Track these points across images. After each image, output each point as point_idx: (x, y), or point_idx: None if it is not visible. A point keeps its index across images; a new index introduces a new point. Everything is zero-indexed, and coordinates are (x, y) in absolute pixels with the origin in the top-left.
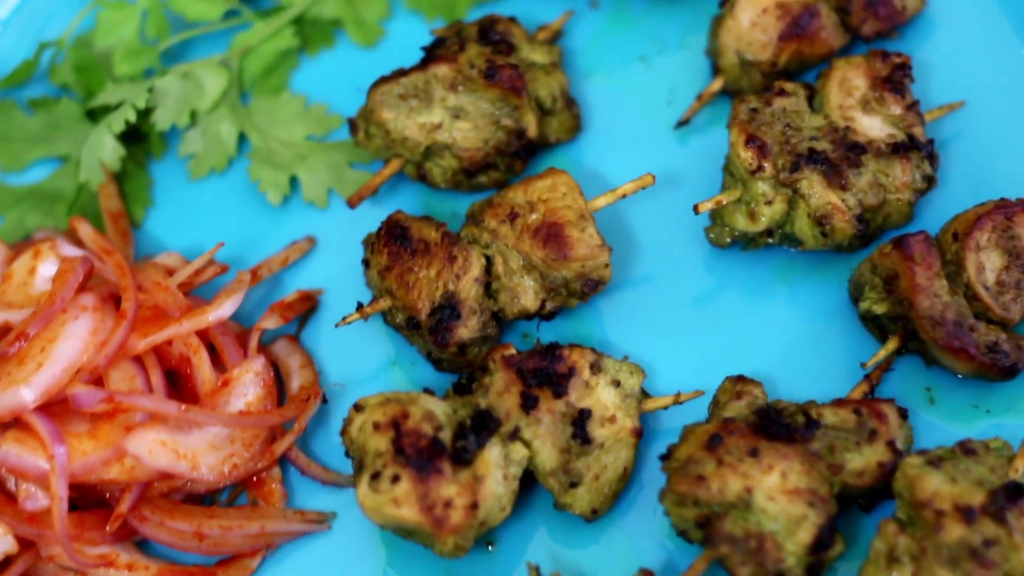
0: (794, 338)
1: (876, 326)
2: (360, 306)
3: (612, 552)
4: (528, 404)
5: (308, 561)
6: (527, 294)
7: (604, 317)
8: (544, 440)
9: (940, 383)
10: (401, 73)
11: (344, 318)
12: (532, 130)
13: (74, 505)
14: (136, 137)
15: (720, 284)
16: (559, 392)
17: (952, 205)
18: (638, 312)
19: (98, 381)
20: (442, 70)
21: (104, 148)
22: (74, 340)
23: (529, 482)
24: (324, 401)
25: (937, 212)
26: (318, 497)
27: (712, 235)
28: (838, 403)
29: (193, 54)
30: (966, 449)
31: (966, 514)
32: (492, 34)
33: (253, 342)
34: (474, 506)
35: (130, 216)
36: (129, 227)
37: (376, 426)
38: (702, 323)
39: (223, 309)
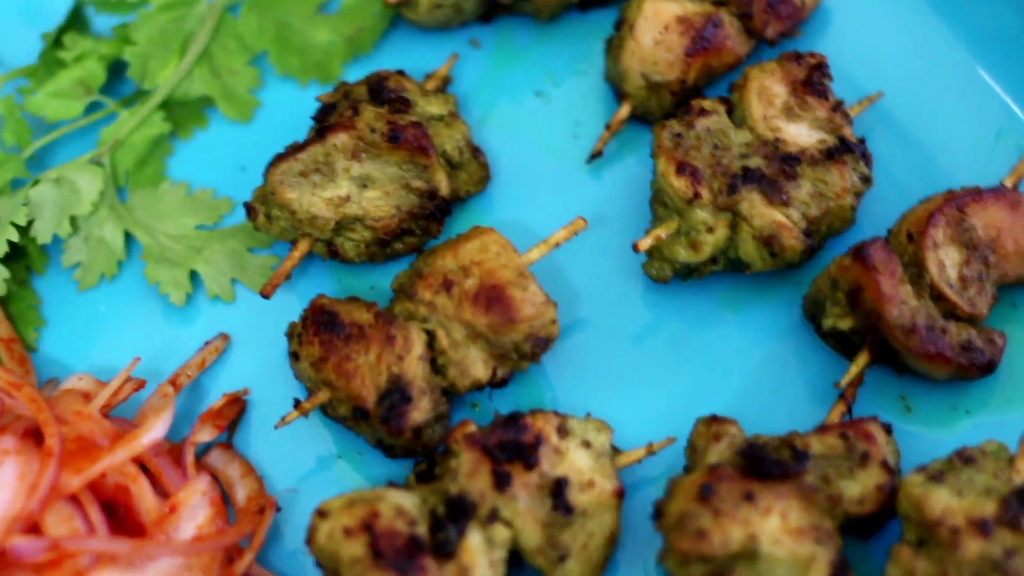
0: (754, 365)
1: (838, 341)
2: (297, 403)
3: None
4: (501, 482)
5: None
6: (476, 365)
7: (554, 376)
8: (525, 517)
9: (914, 390)
10: (297, 148)
11: (283, 418)
12: (444, 188)
13: None
14: (12, 254)
15: (667, 320)
16: (530, 464)
17: (888, 201)
18: (588, 364)
19: (34, 528)
20: (341, 139)
21: None
22: (3, 489)
23: (513, 561)
24: (278, 509)
25: (875, 211)
26: None
27: (652, 271)
28: (822, 430)
29: (60, 157)
30: (964, 458)
31: (982, 527)
32: (384, 92)
33: (189, 458)
34: None
35: (23, 340)
36: (25, 352)
37: (347, 532)
38: (656, 364)
39: (155, 431)
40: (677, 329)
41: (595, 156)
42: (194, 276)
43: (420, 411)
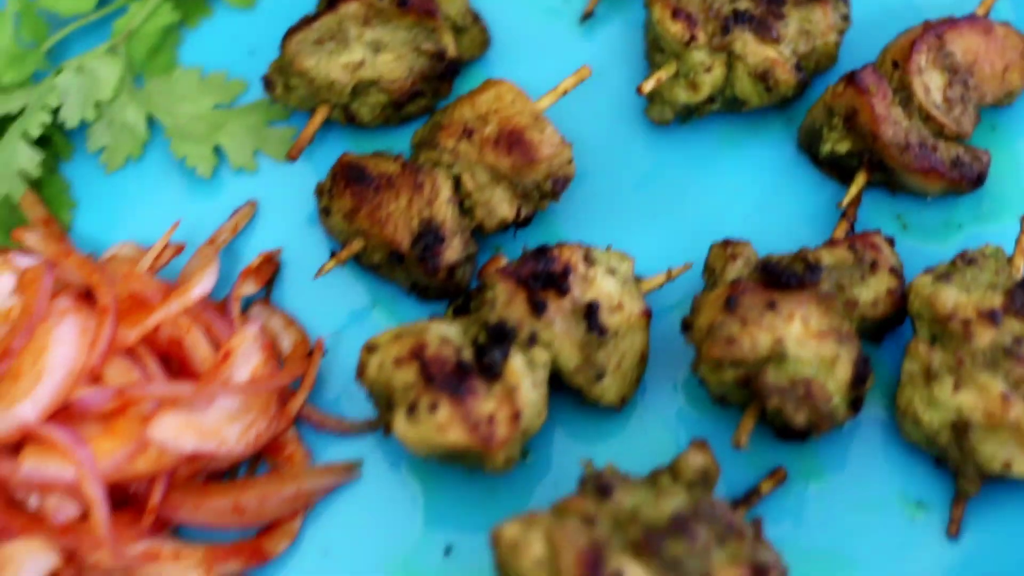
0: (756, 198)
1: (835, 168)
2: (333, 254)
3: (643, 436)
4: (538, 308)
5: (347, 511)
6: (502, 204)
7: (571, 217)
8: (562, 339)
9: (908, 208)
10: (310, 19)
11: (320, 268)
12: (452, 49)
13: None
14: (39, 143)
15: (671, 161)
16: (563, 290)
17: (865, 41)
18: (602, 205)
19: (96, 381)
20: (352, 8)
21: (20, 157)
22: (65, 345)
23: (552, 385)
24: (324, 353)
25: (854, 51)
26: (337, 448)
27: (655, 114)
28: (830, 244)
29: (75, 49)
30: (967, 259)
31: (991, 317)
32: None
33: (236, 311)
34: (516, 416)
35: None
36: (62, 231)
37: (397, 361)
38: (665, 202)
39: (204, 283)
40: (681, 169)
41: (587, 16)
42: (217, 150)
43: (453, 250)
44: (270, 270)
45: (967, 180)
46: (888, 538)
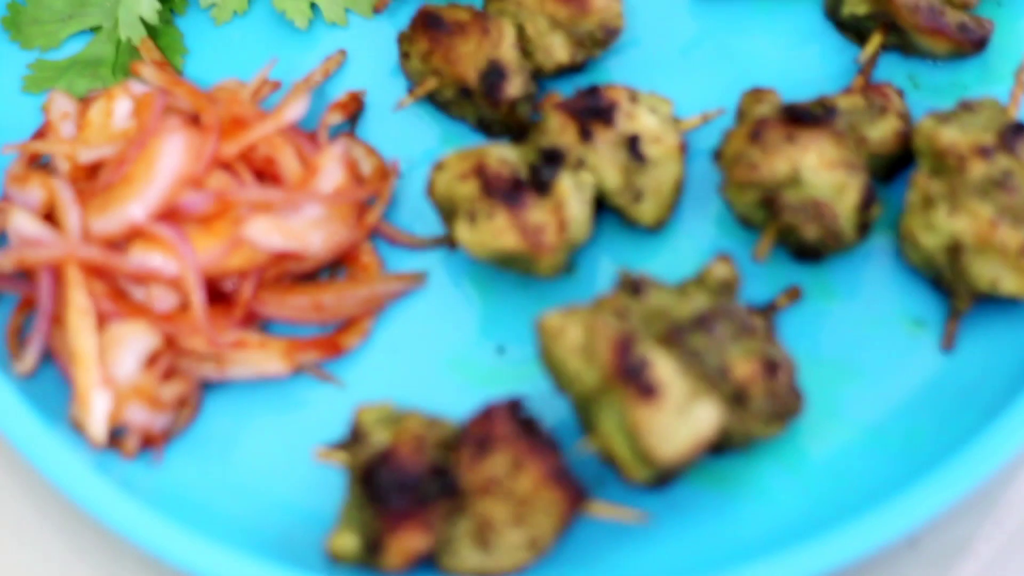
0: (783, 58)
1: (856, 31)
2: (411, 90)
3: (676, 256)
4: (586, 136)
5: (413, 315)
6: (558, 49)
7: (617, 70)
8: (606, 164)
9: (919, 70)
10: None
11: (400, 101)
12: None
13: None
14: None
15: (707, 24)
16: (609, 122)
17: None
18: (644, 60)
19: (198, 188)
20: None
21: (141, 6)
22: (173, 154)
23: (596, 210)
24: (399, 175)
25: None
26: (407, 261)
27: None
28: (846, 92)
29: None
30: (966, 106)
31: (983, 152)
32: None
33: (323, 137)
34: (563, 225)
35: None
36: (175, 73)
37: (462, 176)
38: (702, 59)
39: (297, 108)
40: (720, 30)
41: None
42: (314, 7)
43: (514, 86)
44: (355, 106)
45: (971, 42)
46: (890, 351)
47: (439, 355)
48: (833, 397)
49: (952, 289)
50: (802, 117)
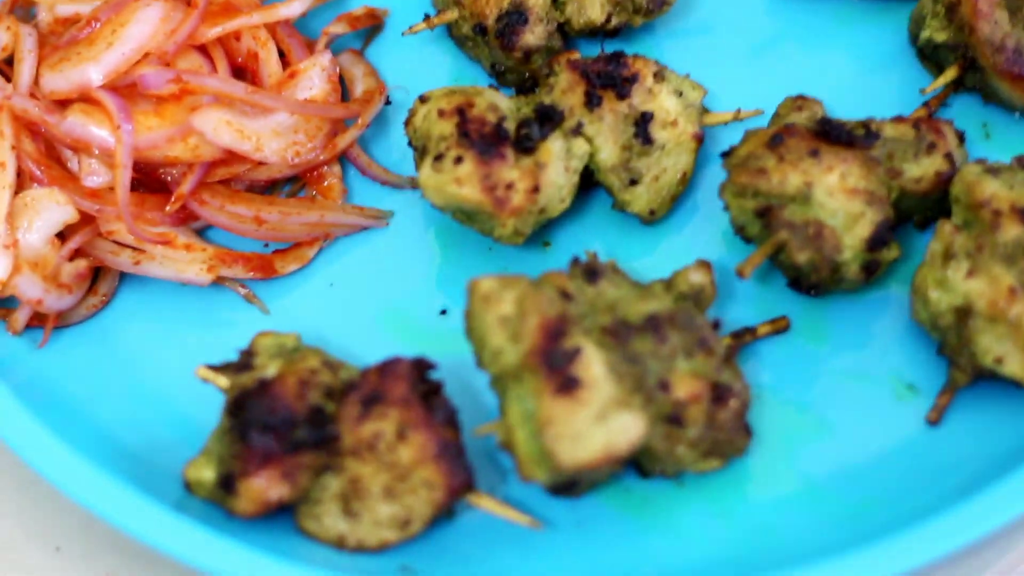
0: (850, 76)
1: (935, 61)
2: (427, 17)
3: (667, 254)
4: (592, 102)
5: (363, 255)
6: (594, 5)
7: (664, 47)
8: (606, 137)
9: (996, 119)
10: None
11: (411, 27)
12: None
13: (135, 187)
14: None
15: (780, 24)
16: (622, 94)
17: None
18: (695, 43)
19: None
20: None
21: None
22: (144, 24)
23: (588, 186)
24: (387, 103)
25: None
26: (375, 197)
27: None
28: (897, 119)
29: None
30: (1022, 163)
31: (1023, 215)
32: None
33: (321, 45)
34: (535, 190)
35: None
36: None
37: (441, 113)
38: (761, 60)
39: (293, 7)
40: (787, 30)
41: None
42: None
43: (534, 35)
44: (369, 22)
45: None
46: (869, 411)
47: (378, 304)
48: (789, 444)
49: (953, 358)
50: (835, 134)
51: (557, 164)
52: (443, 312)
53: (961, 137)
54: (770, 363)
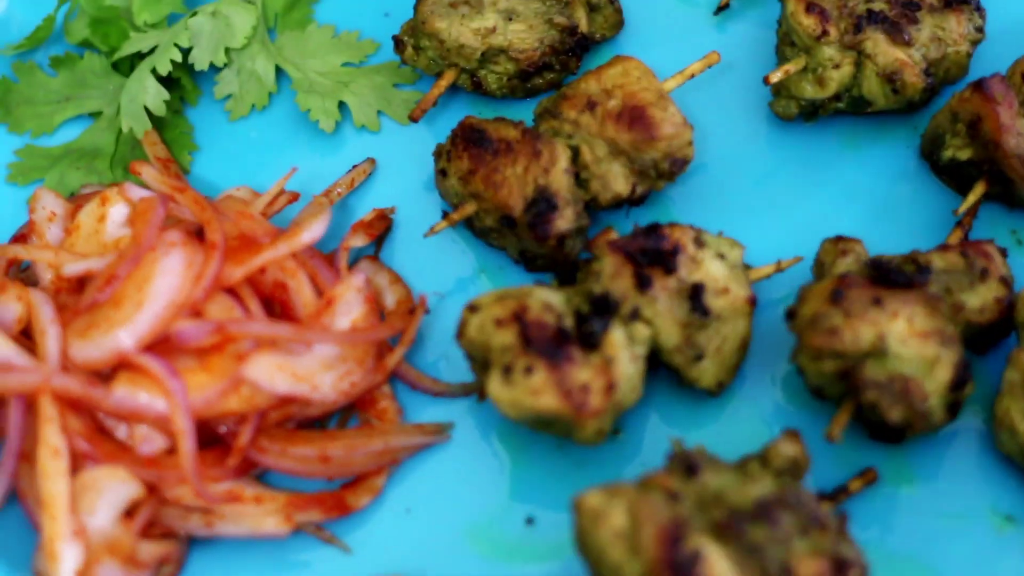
0: (873, 200)
1: (955, 177)
2: (446, 214)
3: (736, 425)
4: (643, 284)
5: (432, 473)
6: (618, 179)
7: (685, 202)
8: (664, 317)
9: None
10: None
11: (432, 227)
12: (584, 25)
13: None
14: (168, 85)
15: (789, 157)
16: (670, 269)
17: (999, 56)
18: (717, 194)
19: (197, 317)
20: None
21: (147, 93)
22: (170, 276)
23: (651, 364)
24: (427, 311)
25: (987, 65)
26: (429, 410)
27: (779, 108)
28: (942, 248)
29: None
30: None
31: None
32: None
33: (343, 262)
34: (611, 387)
35: (178, 163)
36: (181, 172)
37: (498, 322)
38: (779, 197)
39: (314, 229)
40: (800, 165)
41: (722, 8)
42: (342, 107)
43: (564, 220)
44: (382, 226)
45: None
46: (974, 549)
47: (459, 521)
48: None
49: None
50: (892, 277)
51: (624, 355)
52: (529, 521)
53: (1004, 253)
54: (864, 516)
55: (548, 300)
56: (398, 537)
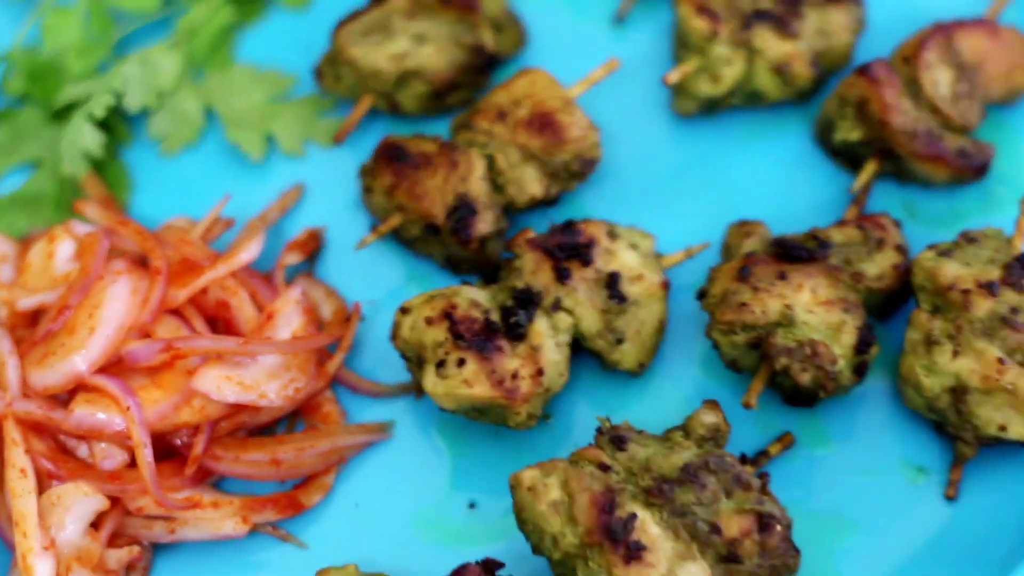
0: (772, 186)
1: (847, 158)
2: (374, 227)
3: (659, 403)
4: (562, 276)
5: (378, 468)
6: (532, 182)
7: (595, 201)
8: (584, 305)
9: (917, 198)
10: (359, 13)
11: (362, 240)
12: (490, 44)
13: None
14: (102, 129)
15: (692, 152)
16: (586, 261)
17: (878, 44)
18: (624, 190)
19: (146, 338)
20: (398, 2)
21: (85, 138)
22: (118, 302)
23: (574, 351)
24: (362, 318)
25: (868, 52)
26: (371, 410)
27: (679, 107)
28: (840, 224)
29: (140, 45)
30: (968, 238)
31: (989, 288)
32: None
33: (280, 279)
34: (539, 373)
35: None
36: (121, 210)
37: (429, 321)
38: (685, 189)
39: (251, 250)
40: (702, 158)
41: (620, 18)
42: (269, 138)
43: (485, 223)
44: (314, 244)
45: (971, 169)
46: (890, 501)
47: (406, 511)
48: (829, 552)
49: (957, 434)
50: (794, 252)
51: (549, 343)
52: (472, 506)
53: (898, 224)
54: (785, 477)
55: (475, 297)
56: (349, 530)
